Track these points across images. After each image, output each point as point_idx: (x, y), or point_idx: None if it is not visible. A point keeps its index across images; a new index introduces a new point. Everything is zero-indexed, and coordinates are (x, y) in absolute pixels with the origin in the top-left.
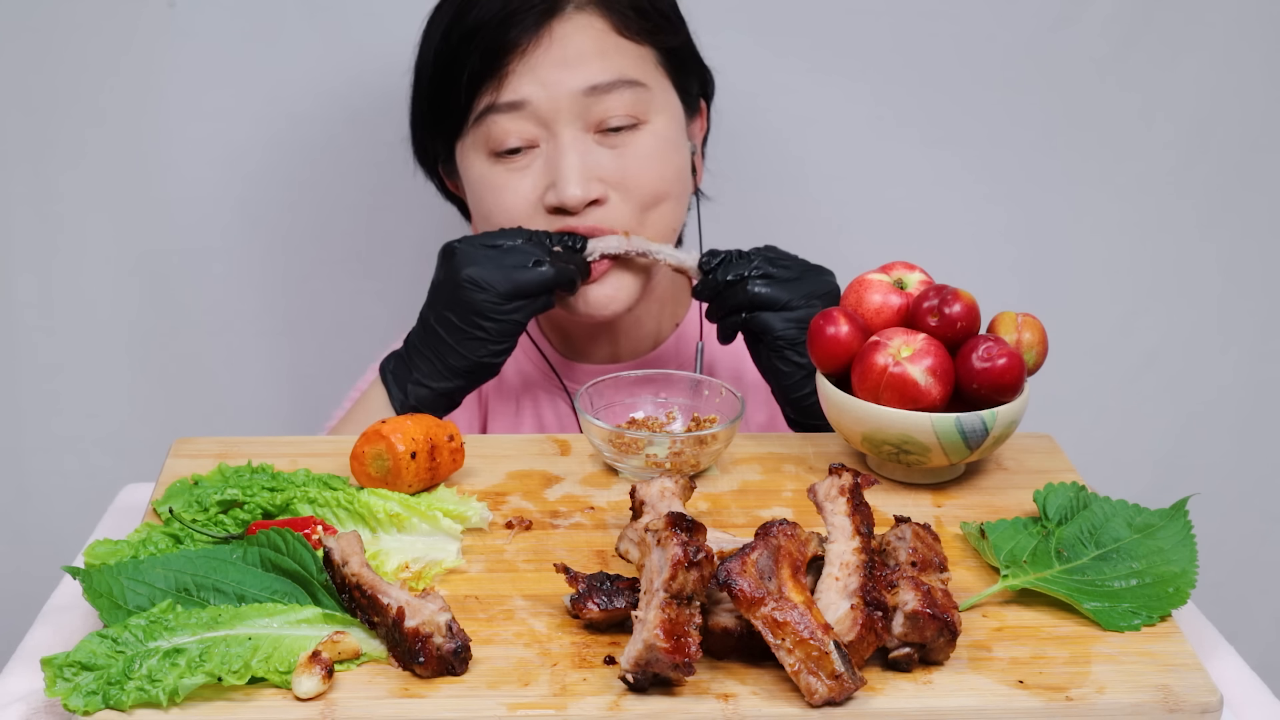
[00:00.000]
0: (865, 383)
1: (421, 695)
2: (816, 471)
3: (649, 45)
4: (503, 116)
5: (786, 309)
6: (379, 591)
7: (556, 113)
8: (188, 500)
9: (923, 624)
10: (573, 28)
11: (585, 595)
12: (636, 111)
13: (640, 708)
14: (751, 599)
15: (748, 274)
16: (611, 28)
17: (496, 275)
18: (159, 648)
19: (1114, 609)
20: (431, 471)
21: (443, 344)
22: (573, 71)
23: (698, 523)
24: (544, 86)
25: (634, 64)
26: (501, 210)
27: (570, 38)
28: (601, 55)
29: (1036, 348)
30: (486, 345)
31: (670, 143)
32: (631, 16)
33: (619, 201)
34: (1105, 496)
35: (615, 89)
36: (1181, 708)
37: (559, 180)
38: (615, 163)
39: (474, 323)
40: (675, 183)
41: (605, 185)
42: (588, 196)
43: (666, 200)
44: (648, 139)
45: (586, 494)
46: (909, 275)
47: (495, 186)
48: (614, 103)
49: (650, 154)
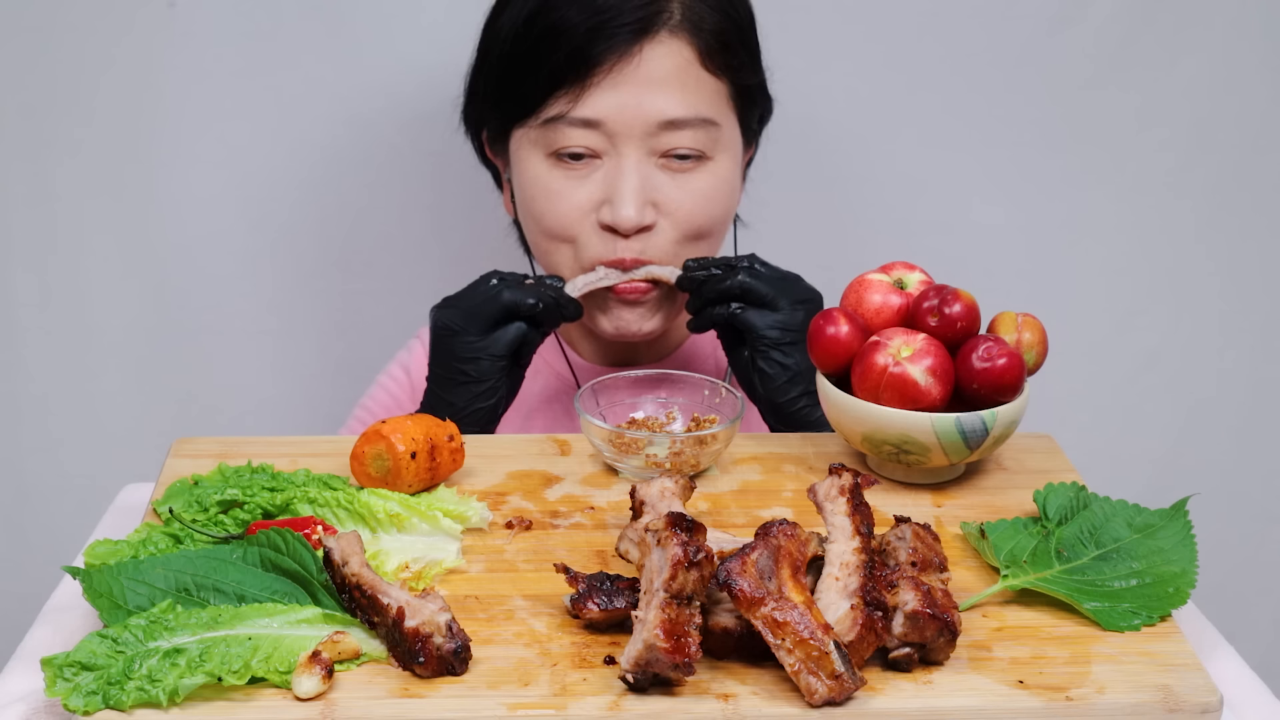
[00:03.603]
0: (865, 383)
1: (421, 695)
2: (816, 471)
3: (726, 80)
4: (573, 128)
5: (769, 307)
6: (379, 591)
7: (628, 135)
8: (188, 500)
9: (923, 624)
10: (663, 52)
11: (585, 595)
12: (704, 147)
13: (640, 708)
14: (751, 599)
15: (734, 264)
16: (697, 57)
17: (461, 315)
18: (159, 648)
19: (1114, 609)
20: (431, 471)
21: (437, 399)
22: (654, 99)
23: (698, 523)
24: (621, 109)
25: (710, 100)
26: (554, 215)
27: (657, 62)
28: (683, 87)
29: (1036, 348)
30: (470, 388)
31: (728, 183)
32: (717, 48)
33: (665, 230)
34: (1105, 496)
35: (690, 125)
36: (1181, 708)
37: (615, 199)
38: (673, 192)
39: (455, 369)
40: (721, 223)
41: (658, 212)
42: (641, 221)
43: (708, 238)
44: (708, 177)
45: (586, 494)
46: (909, 275)
47: (552, 191)
48: (684, 137)
49: (708, 192)
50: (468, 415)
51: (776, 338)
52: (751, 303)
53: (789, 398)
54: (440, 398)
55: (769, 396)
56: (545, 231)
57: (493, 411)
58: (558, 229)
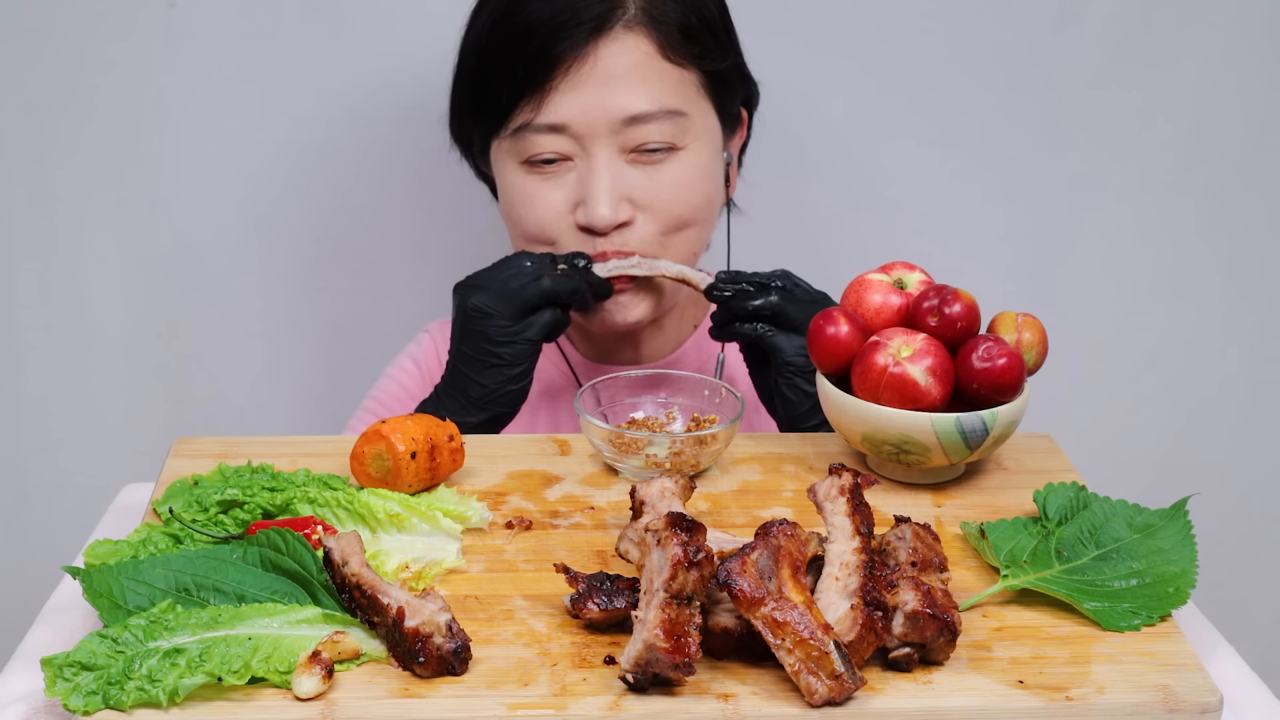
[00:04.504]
0: (865, 383)
1: (421, 695)
2: (816, 471)
3: (693, 69)
4: (540, 135)
5: (798, 331)
6: (379, 591)
7: (594, 135)
8: (188, 500)
9: (923, 624)
10: (619, 48)
11: (585, 595)
12: (673, 139)
13: (640, 708)
14: (751, 599)
15: (767, 283)
16: (657, 50)
17: (496, 298)
18: (159, 648)
19: (1114, 609)
20: (431, 471)
21: (464, 379)
22: (615, 96)
23: (698, 523)
24: (584, 110)
25: (675, 91)
26: (533, 220)
27: (615, 59)
28: (644, 80)
29: (1036, 348)
30: (503, 371)
31: (703, 170)
32: (678, 39)
33: (645, 224)
34: (1105, 496)
35: (655, 119)
36: (1181, 708)
37: (589, 200)
38: (646, 185)
39: (487, 351)
40: (703, 210)
41: (634, 207)
42: (616, 219)
43: (692, 226)
44: (681, 166)
45: (586, 494)
46: (909, 275)
47: (527, 196)
48: (652, 130)
49: (682, 181)
50: (500, 397)
51: (802, 364)
52: (780, 325)
53: (809, 424)
54: (468, 378)
55: (789, 420)
56: (525, 236)
57: (523, 393)
58: (536, 233)
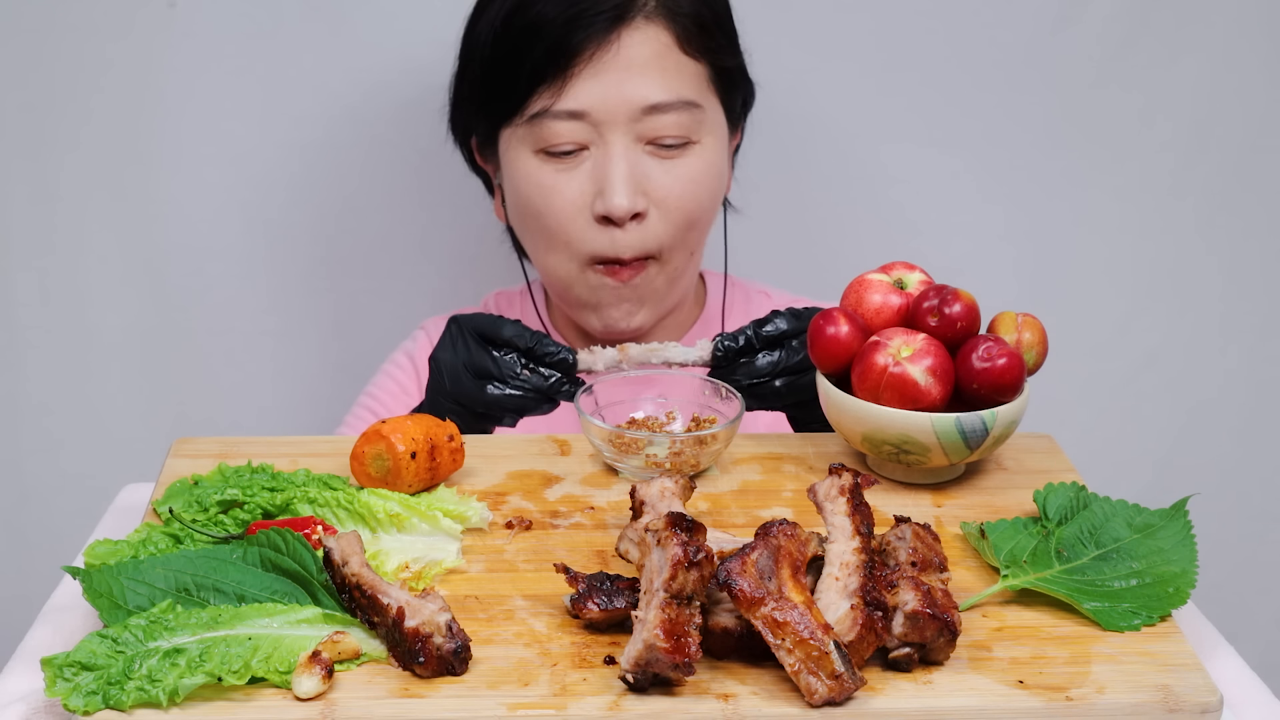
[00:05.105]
0: (865, 383)
1: (421, 695)
2: (816, 471)
3: (705, 63)
4: (559, 121)
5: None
6: (379, 591)
7: (613, 123)
8: (188, 500)
9: (923, 624)
10: (641, 38)
11: (585, 595)
12: (689, 132)
13: (640, 708)
14: (751, 599)
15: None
16: (675, 42)
17: (457, 393)
18: (159, 648)
19: (1114, 609)
20: (431, 471)
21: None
22: (635, 85)
23: (698, 523)
24: (605, 98)
25: (691, 83)
26: (551, 213)
27: (637, 48)
28: (663, 71)
29: (1036, 348)
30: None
31: (715, 167)
32: (694, 31)
33: (658, 219)
34: (1105, 496)
35: (673, 109)
36: (1181, 708)
37: (606, 189)
38: (662, 178)
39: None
40: (710, 209)
41: (649, 200)
42: (634, 208)
43: (699, 224)
44: (695, 161)
45: (586, 494)
46: (909, 275)
47: (545, 187)
48: (669, 121)
49: (695, 177)
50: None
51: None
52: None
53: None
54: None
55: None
56: (542, 230)
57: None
58: (554, 226)
